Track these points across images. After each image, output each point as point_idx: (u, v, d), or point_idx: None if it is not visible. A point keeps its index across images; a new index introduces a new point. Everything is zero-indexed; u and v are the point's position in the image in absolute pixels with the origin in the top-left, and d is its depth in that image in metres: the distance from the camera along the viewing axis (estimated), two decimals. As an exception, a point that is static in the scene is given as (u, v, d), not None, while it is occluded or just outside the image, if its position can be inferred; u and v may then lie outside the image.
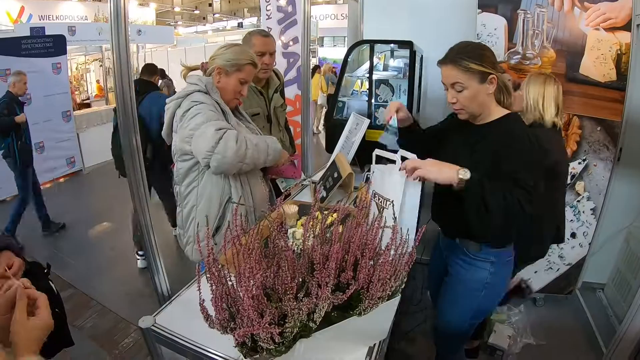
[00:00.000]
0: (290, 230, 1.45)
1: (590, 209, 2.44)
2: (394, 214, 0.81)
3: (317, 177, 2.31)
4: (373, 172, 1.51)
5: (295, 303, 0.67)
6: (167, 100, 1.57)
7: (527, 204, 1.15)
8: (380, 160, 1.49)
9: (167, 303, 1.20)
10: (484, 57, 1.27)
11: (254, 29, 2.52)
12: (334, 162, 2.08)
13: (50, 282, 1.39)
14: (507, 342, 2.20)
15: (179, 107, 1.50)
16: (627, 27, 2.23)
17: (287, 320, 0.67)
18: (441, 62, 1.34)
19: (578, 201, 2.45)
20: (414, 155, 1.32)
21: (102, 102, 8.67)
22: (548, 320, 2.46)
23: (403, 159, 1.36)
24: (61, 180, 5.48)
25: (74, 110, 5.82)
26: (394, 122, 1.59)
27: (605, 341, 2.23)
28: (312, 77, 10.11)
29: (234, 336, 0.68)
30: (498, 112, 1.34)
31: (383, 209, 1.46)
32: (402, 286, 0.78)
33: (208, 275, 0.69)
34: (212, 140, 1.37)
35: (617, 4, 2.21)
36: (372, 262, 0.76)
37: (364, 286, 0.73)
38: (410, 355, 2.19)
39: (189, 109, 1.46)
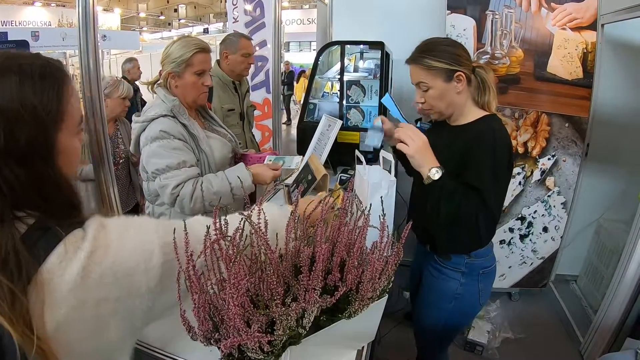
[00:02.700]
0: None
1: (561, 203, 2.50)
2: (382, 211, 0.77)
3: (290, 180, 2.26)
4: (354, 173, 1.48)
5: (283, 309, 0.64)
6: (134, 119, 1.50)
7: (483, 222, 1.14)
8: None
9: None
10: (447, 54, 1.22)
11: (235, 32, 2.56)
12: (307, 164, 2.04)
13: None
14: (486, 337, 2.22)
15: (144, 131, 1.44)
16: (592, 26, 2.32)
17: (275, 328, 0.64)
18: (407, 62, 1.31)
19: (549, 196, 2.51)
20: (391, 155, 1.29)
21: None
22: (525, 314, 2.50)
23: (384, 160, 1.34)
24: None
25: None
26: (379, 123, 1.56)
27: (582, 331, 2.29)
28: (297, 82, 10.29)
29: (219, 348, 0.64)
30: (474, 113, 1.29)
31: (362, 210, 1.43)
32: (390, 285, 0.75)
33: (188, 284, 0.62)
34: (169, 200, 1.40)
35: (582, 4, 2.30)
36: (357, 262, 0.73)
37: (352, 287, 0.71)
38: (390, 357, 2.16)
39: (152, 142, 1.40)
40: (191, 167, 1.43)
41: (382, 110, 2.27)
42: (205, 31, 20.56)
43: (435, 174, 1.14)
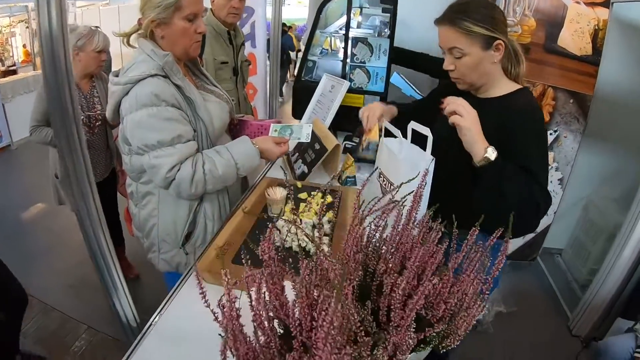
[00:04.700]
0: (280, 223, 1.23)
1: (558, 179, 2.50)
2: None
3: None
4: (381, 146, 1.33)
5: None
6: (112, 79, 1.19)
7: (544, 204, 1.03)
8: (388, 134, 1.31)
9: (139, 338, 0.85)
10: (488, 18, 1.07)
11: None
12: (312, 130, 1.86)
13: None
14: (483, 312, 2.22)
15: (126, 95, 1.16)
16: (605, 4, 2.27)
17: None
18: (438, 22, 1.13)
19: (546, 171, 2.48)
20: (428, 130, 1.14)
21: (29, 67, 7.54)
22: (515, 287, 2.54)
23: (414, 133, 1.19)
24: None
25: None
26: (373, 143, 1.41)
27: (568, 305, 2.36)
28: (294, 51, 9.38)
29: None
30: (506, 86, 1.16)
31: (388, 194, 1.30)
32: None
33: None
34: (162, 183, 1.18)
35: (599, -21, 2.21)
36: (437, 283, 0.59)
37: (444, 318, 0.58)
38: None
39: (139, 110, 1.12)
40: (188, 142, 1.19)
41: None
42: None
43: (493, 153, 1.01)
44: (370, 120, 1.40)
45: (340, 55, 2.32)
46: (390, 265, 0.61)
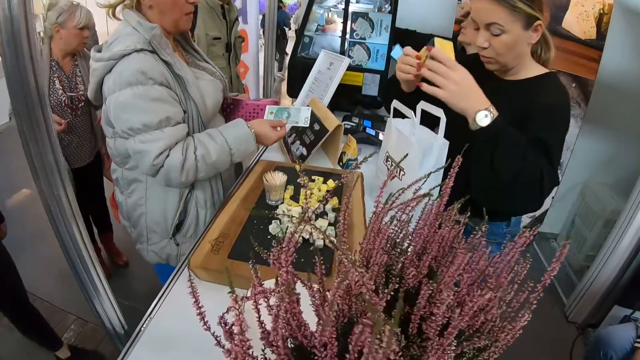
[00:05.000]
0: (280, 210, 1.14)
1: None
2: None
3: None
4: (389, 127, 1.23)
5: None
6: (93, 55, 1.07)
7: (548, 183, 0.94)
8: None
9: (128, 348, 0.76)
10: None
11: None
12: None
13: None
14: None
15: (109, 72, 1.04)
16: None
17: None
18: None
19: (546, 156, 2.44)
20: (441, 111, 1.04)
21: None
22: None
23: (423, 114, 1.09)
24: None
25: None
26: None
27: (564, 291, 2.35)
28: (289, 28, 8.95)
29: None
30: (534, 69, 1.08)
31: (394, 178, 1.21)
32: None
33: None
34: (149, 171, 1.08)
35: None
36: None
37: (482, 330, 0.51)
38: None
39: (123, 89, 1.01)
40: (177, 125, 1.08)
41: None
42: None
43: (484, 118, 0.92)
44: (410, 60, 1.09)
45: (338, 31, 2.20)
46: (420, 269, 0.53)
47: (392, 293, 0.44)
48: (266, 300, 0.42)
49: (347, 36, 2.11)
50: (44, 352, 1.78)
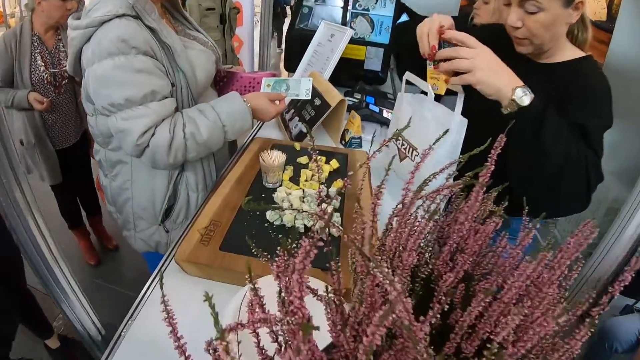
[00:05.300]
0: (279, 193, 1.03)
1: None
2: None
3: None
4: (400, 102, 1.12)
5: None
6: (70, 23, 0.95)
7: (594, 178, 0.86)
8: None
9: (107, 355, 0.67)
10: None
11: None
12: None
13: None
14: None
15: (88, 41, 0.93)
16: None
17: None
18: None
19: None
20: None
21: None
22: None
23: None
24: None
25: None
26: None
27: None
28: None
29: None
30: (570, 52, 0.98)
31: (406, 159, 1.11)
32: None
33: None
34: (133, 151, 0.98)
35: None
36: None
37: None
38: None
39: (103, 60, 0.90)
40: (164, 99, 0.97)
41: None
42: None
43: (524, 96, 0.80)
44: (431, 37, 0.93)
45: (340, 2, 2.05)
46: (457, 274, 0.44)
47: (437, 316, 0.34)
48: (269, 327, 0.32)
49: (349, 7, 1.98)
50: (33, 342, 1.72)
